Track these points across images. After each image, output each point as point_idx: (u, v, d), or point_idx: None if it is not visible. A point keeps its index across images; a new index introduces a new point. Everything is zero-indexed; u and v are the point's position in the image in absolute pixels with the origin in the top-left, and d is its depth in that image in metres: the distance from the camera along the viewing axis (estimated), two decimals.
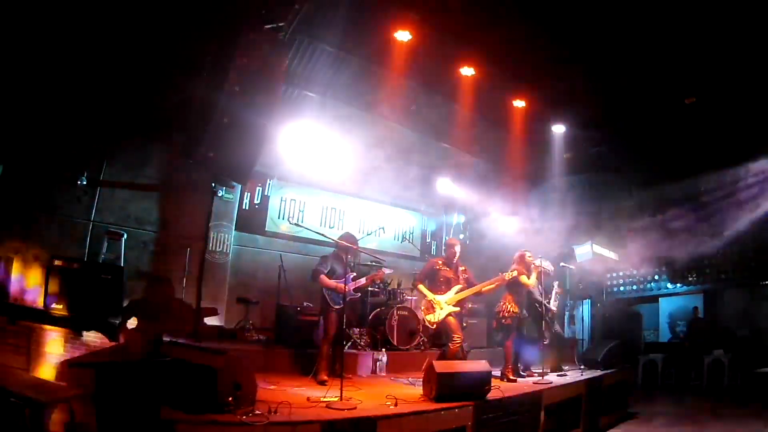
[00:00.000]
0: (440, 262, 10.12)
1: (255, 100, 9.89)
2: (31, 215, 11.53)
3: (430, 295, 9.71)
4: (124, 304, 11.31)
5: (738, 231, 15.84)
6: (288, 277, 12.48)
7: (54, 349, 9.87)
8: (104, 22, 10.49)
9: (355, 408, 6.33)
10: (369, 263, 12.88)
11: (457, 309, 9.64)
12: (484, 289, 9.99)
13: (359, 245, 9.66)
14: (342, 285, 9.17)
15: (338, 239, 9.47)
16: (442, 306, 9.53)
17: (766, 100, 12.53)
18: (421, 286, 9.92)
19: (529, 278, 10.71)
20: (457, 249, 10.21)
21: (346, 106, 14.07)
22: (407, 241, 18.29)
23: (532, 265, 10.95)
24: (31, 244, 11.27)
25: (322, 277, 9.33)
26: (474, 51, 12.19)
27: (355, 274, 9.56)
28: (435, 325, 9.57)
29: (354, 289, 9.47)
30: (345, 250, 9.10)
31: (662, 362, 16.24)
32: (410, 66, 11.98)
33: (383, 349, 11.77)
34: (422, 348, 12.62)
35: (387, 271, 9.97)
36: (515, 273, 10.35)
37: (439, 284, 9.85)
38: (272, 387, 8.09)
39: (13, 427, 5.95)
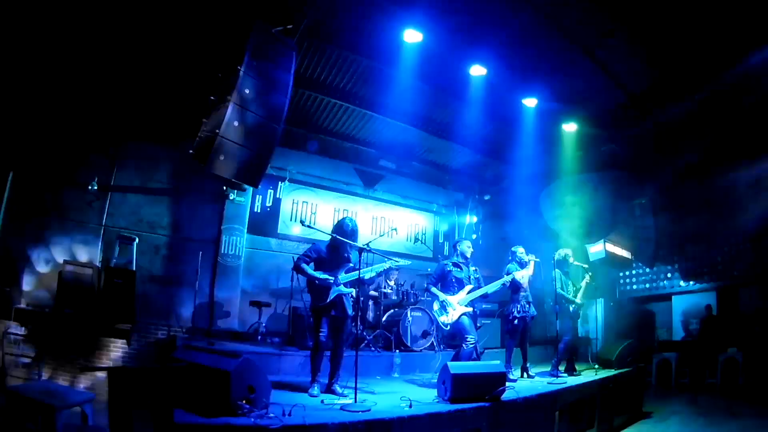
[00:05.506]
0: (451, 263, 10.02)
1: (265, 102, 9.91)
2: (42, 220, 11.57)
3: (441, 296, 9.61)
4: (137, 309, 11.32)
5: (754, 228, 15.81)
6: (300, 279, 12.40)
7: (69, 353, 9.92)
8: (115, 29, 10.52)
9: (369, 410, 6.31)
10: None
11: (470, 309, 9.52)
12: (490, 291, 9.98)
13: (370, 246, 8.11)
14: (323, 275, 8.21)
15: (334, 226, 8.71)
16: (454, 307, 9.44)
17: None
18: (433, 288, 9.79)
19: (521, 275, 10.72)
20: (468, 250, 10.17)
21: (356, 107, 14.07)
22: (420, 242, 18.28)
23: (528, 260, 10.96)
24: (43, 249, 11.33)
25: (303, 266, 8.25)
26: (484, 50, 12.14)
27: (351, 265, 8.50)
28: (448, 326, 9.50)
29: (348, 284, 8.35)
30: (343, 236, 8.31)
31: (676, 361, 16.10)
32: (420, 66, 11.96)
33: (397, 351, 11.76)
34: (436, 349, 12.59)
35: (402, 263, 9.41)
36: (514, 275, 10.41)
37: (451, 285, 9.76)
38: (286, 389, 8.08)
39: (25, 431, 5.97)
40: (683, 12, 10.61)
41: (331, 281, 8.22)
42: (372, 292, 13.12)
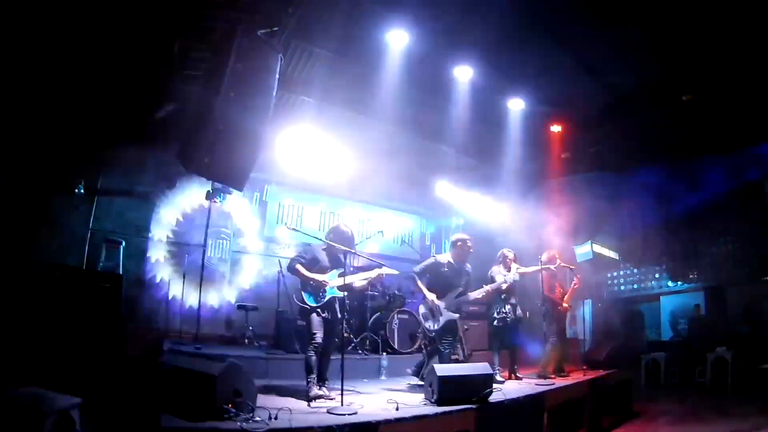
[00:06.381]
0: (446, 261, 9.75)
1: (250, 105, 9.86)
2: (29, 225, 11.49)
3: (430, 297, 9.41)
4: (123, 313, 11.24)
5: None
6: (287, 283, 12.36)
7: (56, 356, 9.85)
8: (99, 30, 10.44)
9: (356, 413, 6.25)
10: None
11: (456, 315, 9.45)
12: (476, 297, 9.93)
13: (356, 248, 8.69)
14: (319, 277, 8.16)
15: (330, 230, 8.79)
16: (442, 313, 9.31)
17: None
18: (421, 284, 9.57)
19: (505, 277, 10.58)
20: (468, 250, 9.85)
21: (342, 110, 14.01)
22: (406, 244, 18.22)
23: (511, 263, 10.88)
24: (29, 254, 11.24)
25: (298, 266, 8.21)
26: (469, 52, 12.15)
27: (342, 270, 8.38)
28: (434, 333, 9.41)
29: (341, 287, 8.27)
30: (339, 242, 8.35)
31: (665, 361, 16.09)
32: (406, 68, 11.94)
33: (384, 353, 11.76)
34: (423, 351, 12.59)
35: (391, 271, 9.32)
36: (502, 280, 10.38)
37: (439, 285, 9.55)
38: (272, 393, 8.04)
39: None
40: (670, 13, 10.66)
41: (326, 283, 8.19)
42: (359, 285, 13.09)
